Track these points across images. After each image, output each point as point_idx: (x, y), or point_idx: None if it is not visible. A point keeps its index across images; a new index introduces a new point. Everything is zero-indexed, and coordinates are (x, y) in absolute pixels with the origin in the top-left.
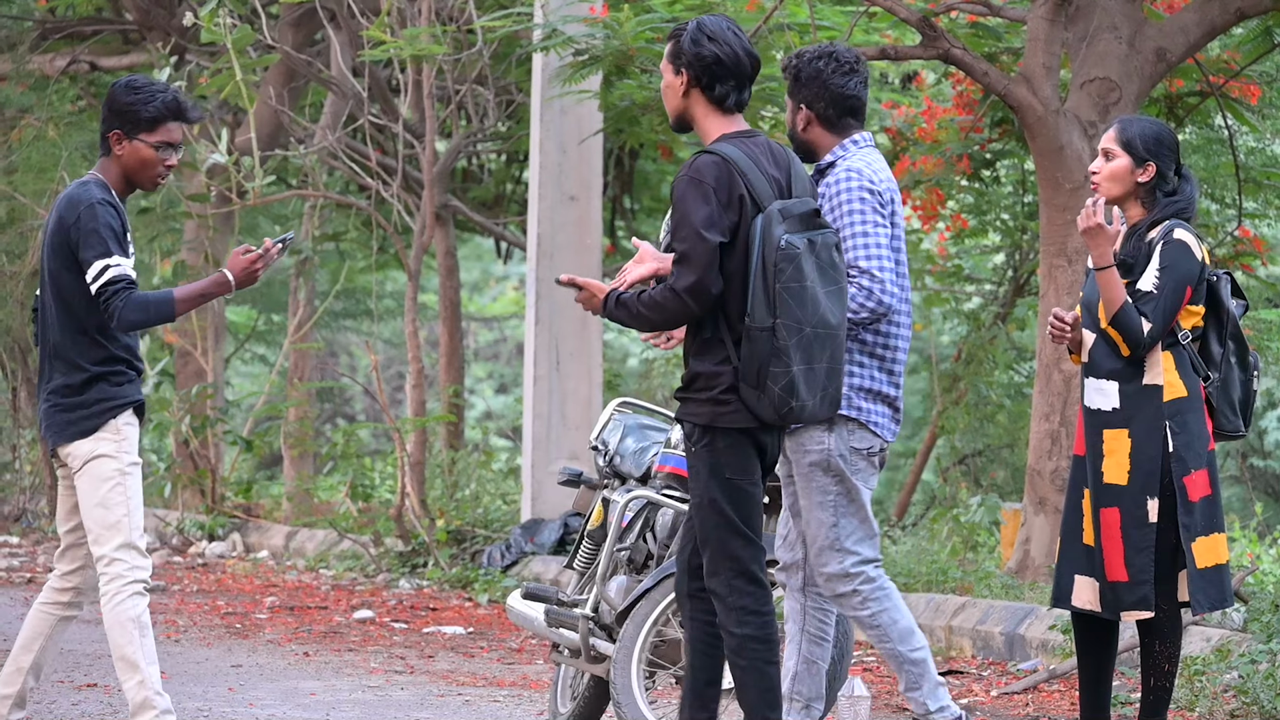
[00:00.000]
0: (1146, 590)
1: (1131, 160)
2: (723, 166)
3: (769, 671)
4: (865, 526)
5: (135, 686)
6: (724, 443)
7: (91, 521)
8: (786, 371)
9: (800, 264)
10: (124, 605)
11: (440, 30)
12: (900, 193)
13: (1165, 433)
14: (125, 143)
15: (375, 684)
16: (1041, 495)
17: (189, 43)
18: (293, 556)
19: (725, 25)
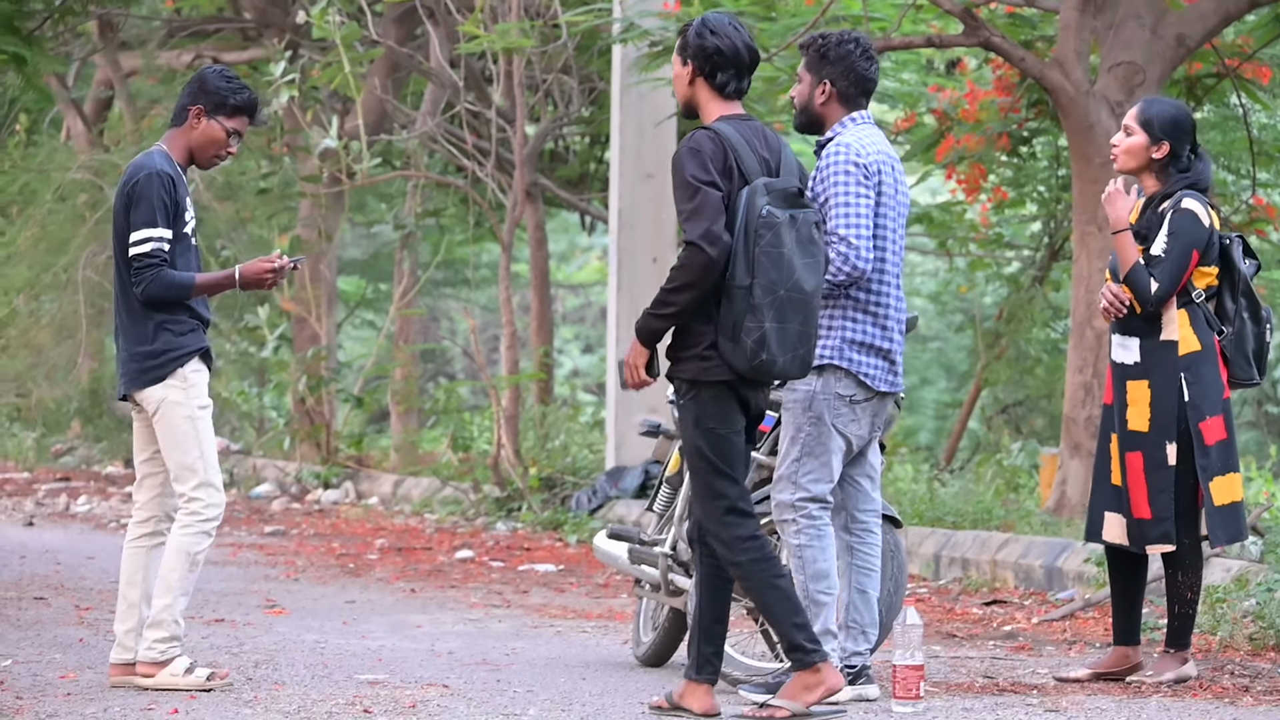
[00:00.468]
0: (1168, 526)
1: (1148, 138)
2: (716, 140)
3: (780, 584)
4: (824, 470)
5: (163, 608)
6: (707, 395)
7: (171, 463)
8: (759, 326)
9: (780, 232)
10: (190, 539)
11: (529, 25)
12: (899, 164)
13: (1181, 384)
14: (204, 119)
15: (475, 617)
16: (1076, 441)
17: (302, 39)
18: (400, 502)
19: (727, 21)
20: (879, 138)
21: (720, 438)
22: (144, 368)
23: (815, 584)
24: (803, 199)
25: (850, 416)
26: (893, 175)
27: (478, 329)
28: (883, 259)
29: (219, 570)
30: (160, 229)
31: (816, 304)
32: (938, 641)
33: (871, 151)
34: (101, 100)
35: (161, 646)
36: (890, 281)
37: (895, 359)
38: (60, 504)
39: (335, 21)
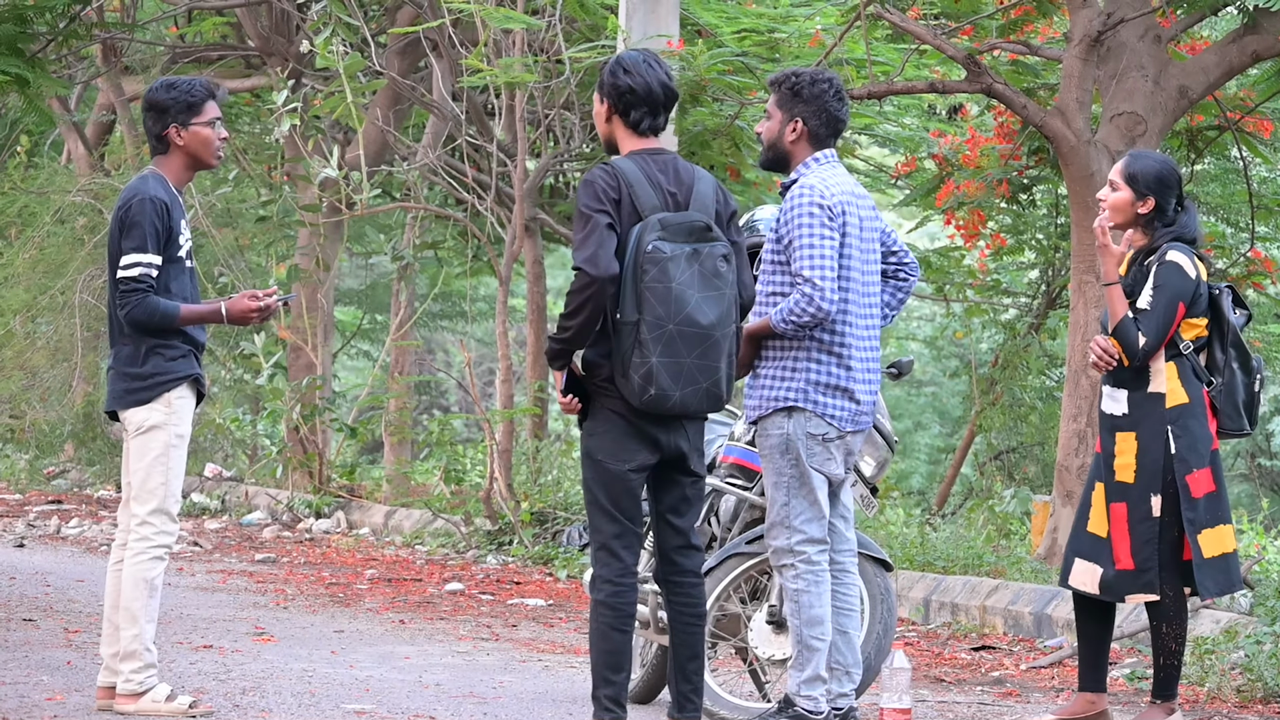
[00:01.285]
0: (1151, 577)
1: (1134, 193)
2: (611, 175)
3: (613, 636)
4: (814, 508)
5: (131, 638)
6: (601, 428)
7: (134, 482)
8: (645, 362)
9: (666, 267)
10: (144, 565)
11: (532, 60)
12: (867, 202)
13: (1168, 436)
14: (184, 132)
15: (464, 649)
16: (1069, 489)
17: (305, 68)
18: (391, 533)
19: (642, 59)
20: (844, 177)
21: (607, 472)
22: (130, 388)
23: (809, 629)
24: (710, 233)
25: (825, 455)
26: (858, 215)
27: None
28: (846, 299)
29: (208, 596)
30: (150, 255)
31: (720, 337)
32: (926, 685)
33: (836, 192)
34: (103, 124)
35: (138, 677)
36: (854, 322)
37: (859, 398)
38: (51, 526)
39: (339, 52)
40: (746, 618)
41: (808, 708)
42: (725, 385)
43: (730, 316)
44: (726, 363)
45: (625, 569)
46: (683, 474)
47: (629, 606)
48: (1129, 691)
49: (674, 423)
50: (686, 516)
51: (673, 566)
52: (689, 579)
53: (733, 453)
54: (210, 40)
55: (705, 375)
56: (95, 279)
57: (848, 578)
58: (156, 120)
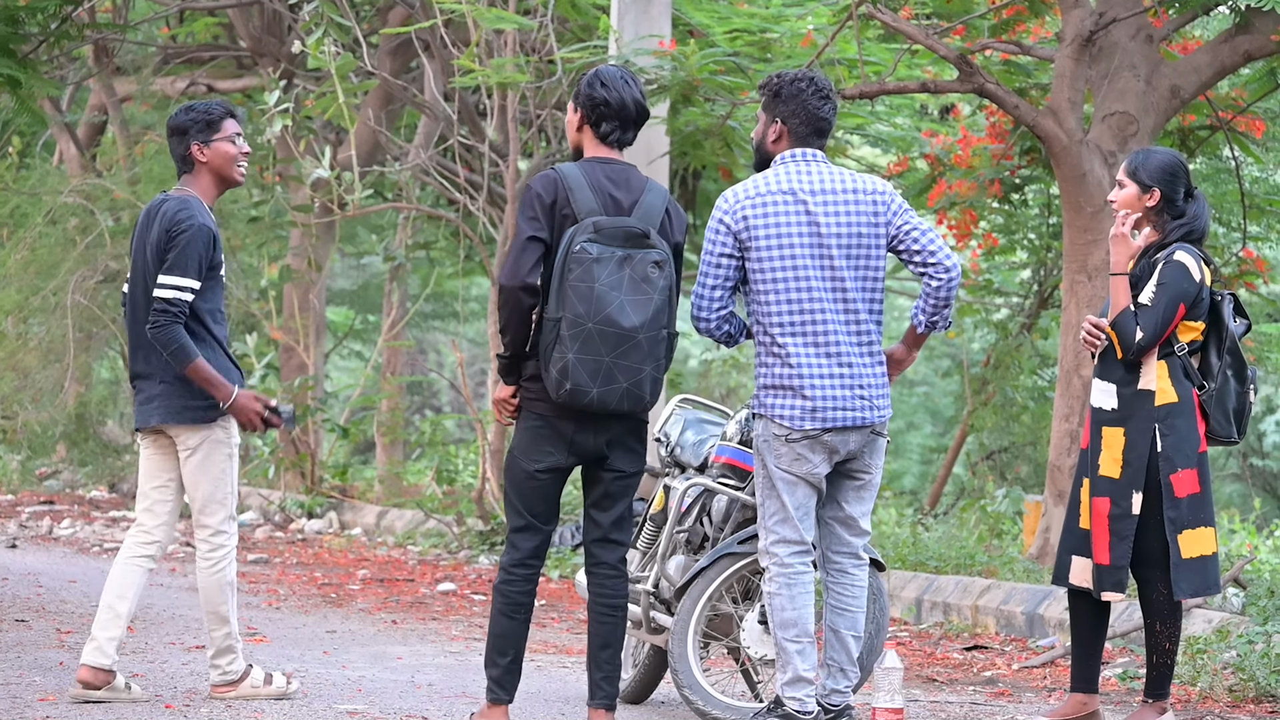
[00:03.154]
0: (1122, 575)
1: (1138, 187)
2: (551, 180)
3: (501, 621)
4: (783, 510)
5: (223, 636)
6: (523, 424)
7: (199, 495)
8: (563, 357)
9: (590, 268)
10: (225, 571)
11: (524, 60)
12: (835, 194)
13: (1155, 434)
14: (206, 149)
15: (456, 650)
16: (1060, 489)
17: (297, 68)
18: (383, 534)
19: (620, 76)
20: (788, 175)
21: (520, 470)
22: (188, 405)
23: (781, 631)
24: (647, 240)
25: (791, 455)
26: (801, 210)
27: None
28: (779, 299)
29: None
30: (191, 281)
31: (644, 340)
32: (918, 685)
33: (746, 196)
34: (95, 125)
35: (232, 668)
36: (800, 320)
37: (809, 395)
38: (44, 527)
39: (331, 52)
40: (739, 618)
41: (795, 708)
42: (649, 386)
43: (659, 321)
44: (653, 365)
45: (519, 560)
46: (605, 470)
47: (518, 595)
48: (1121, 691)
49: (597, 422)
50: (609, 511)
51: (591, 557)
52: (605, 570)
53: (725, 452)
54: (202, 41)
55: (626, 375)
56: (87, 280)
57: (845, 578)
58: (179, 142)
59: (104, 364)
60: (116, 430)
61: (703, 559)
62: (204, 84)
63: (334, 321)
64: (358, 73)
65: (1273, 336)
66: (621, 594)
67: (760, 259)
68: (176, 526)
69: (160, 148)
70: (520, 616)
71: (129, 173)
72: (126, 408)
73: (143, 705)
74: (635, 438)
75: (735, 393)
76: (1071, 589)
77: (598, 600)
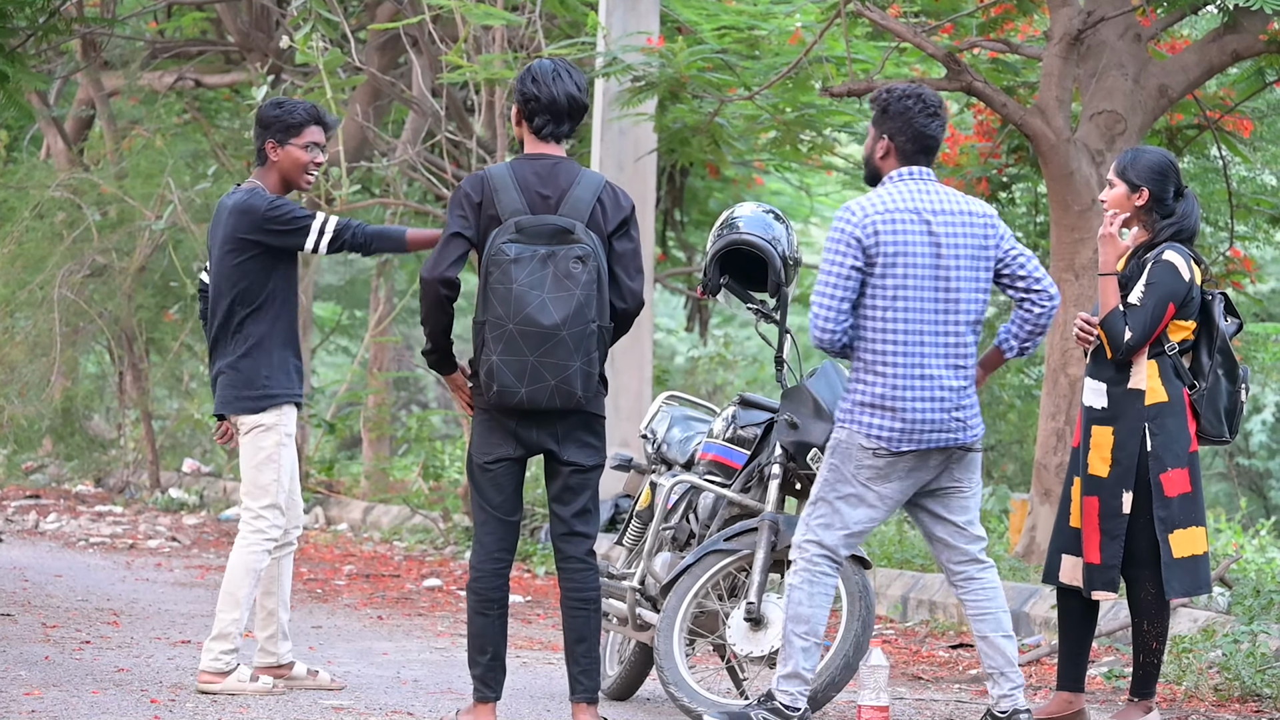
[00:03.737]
0: (1114, 574)
1: (1127, 187)
2: (478, 180)
3: (475, 619)
4: (832, 516)
5: (230, 621)
6: (476, 421)
7: (246, 479)
8: (488, 360)
9: (507, 269)
10: (253, 555)
11: (512, 56)
12: (957, 215)
13: (1145, 433)
14: (279, 149)
15: (442, 646)
16: (1047, 487)
17: (285, 64)
18: (369, 529)
19: (552, 70)
20: (909, 193)
21: (477, 466)
22: (239, 395)
23: (793, 625)
24: (569, 235)
25: (872, 470)
26: (925, 230)
27: None
28: (892, 318)
29: (186, 592)
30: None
31: (567, 336)
32: (903, 683)
33: (876, 210)
34: (82, 119)
35: (226, 658)
36: (907, 340)
37: (908, 419)
38: (29, 521)
39: (319, 47)
40: (724, 615)
41: (785, 702)
42: (580, 382)
43: (584, 316)
44: (582, 360)
45: (486, 555)
46: (561, 465)
47: (489, 591)
48: (1106, 690)
49: (537, 417)
50: (569, 505)
51: (559, 553)
52: (573, 564)
53: (711, 449)
54: (190, 35)
55: (552, 373)
56: (74, 274)
57: (973, 584)
58: (259, 134)
59: (90, 358)
60: (102, 425)
61: (689, 556)
62: (192, 79)
63: (321, 317)
64: (346, 68)
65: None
66: (592, 587)
67: (882, 275)
68: (294, 507)
69: (148, 143)
70: (494, 613)
71: (116, 167)
72: (112, 402)
73: (131, 699)
74: (587, 431)
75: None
76: (1061, 587)
77: (569, 595)
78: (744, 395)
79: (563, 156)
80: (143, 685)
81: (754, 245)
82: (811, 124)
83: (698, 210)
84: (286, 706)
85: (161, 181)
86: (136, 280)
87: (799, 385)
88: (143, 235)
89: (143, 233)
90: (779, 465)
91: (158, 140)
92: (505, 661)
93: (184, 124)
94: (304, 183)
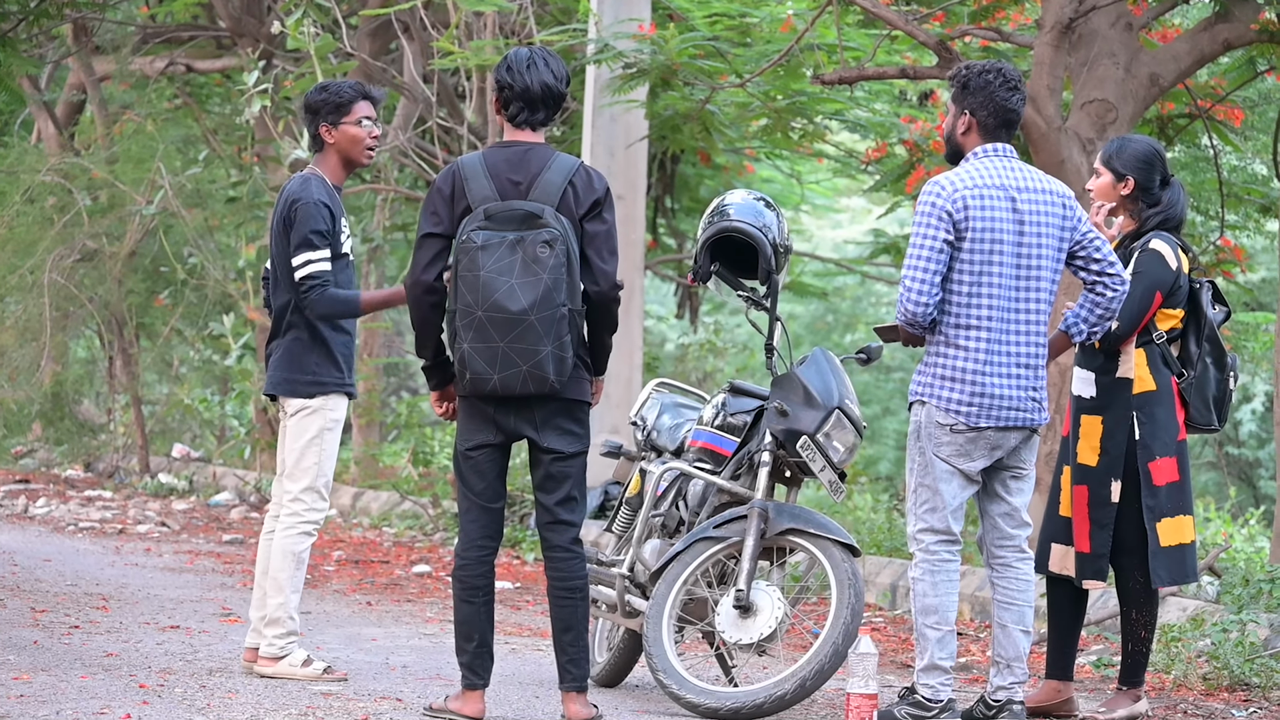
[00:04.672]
0: (1102, 563)
1: (1113, 176)
2: (449, 173)
3: (461, 607)
4: (935, 498)
5: (277, 606)
6: (460, 410)
7: (290, 461)
8: (460, 347)
9: (475, 256)
10: (293, 539)
11: (503, 43)
12: (1041, 194)
13: (1133, 422)
14: (334, 131)
15: (430, 632)
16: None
17: (276, 49)
18: (359, 515)
19: (528, 59)
20: (995, 169)
21: (461, 453)
22: (289, 378)
23: (922, 617)
24: (538, 220)
25: (953, 448)
26: (1004, 208)
27: None
28: (976, 293)
29: (175, 577)
30: (321, 252)
31: (536, 321)
32: (892, 671)
33: (962, 186)
34: (73, 104)
35: (280, 642)
36: (992, 315)
37: (993, 393)
38: (19, 505)
39: (310, 33)
40: (714, 602)
41: (926, 695)
42: (553, 366)
43: (553, 300)
44: (554, 344)
45: (469, 543)
46: (543, 452)
47: (473, 579)
48: (1095, 678)
49: (513, 404)
50: (552, 493)
51: (544, 541)
52: (558, 553)
53: (700, 437)
54: (181, 20)
55: (523, 358)
56: (65, 259)
57: (1009, 572)
58: (310, 121)
59: (80, 343)
60: (92, 409)
61: (678, 543)
62: (183, 64)
63: None
64: (337, 54)
65: (1250, 325)
66: (578, 575)
67: (970, 250)
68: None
69: (139, 128)
70: (479, 600)
71: (107, 152)
72: (102, 387)
73: (120, 683)
74: (567, 418)
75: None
76: (1050, 576)
77: (555, 583)
78: (734, 382)
79: (537, 142)
80: (131, 670)
81: (745, 233)
82: (802, 111)
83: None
84: (275, 692)
85: (152, 166)
86: (127, 265)
87: (789, 373)
88: (133, 220)
89: (133, 218)
90: (769, 453)
91: (149, 125)
92: (493, 648)
93: (175, 109)
94: (365, 158)
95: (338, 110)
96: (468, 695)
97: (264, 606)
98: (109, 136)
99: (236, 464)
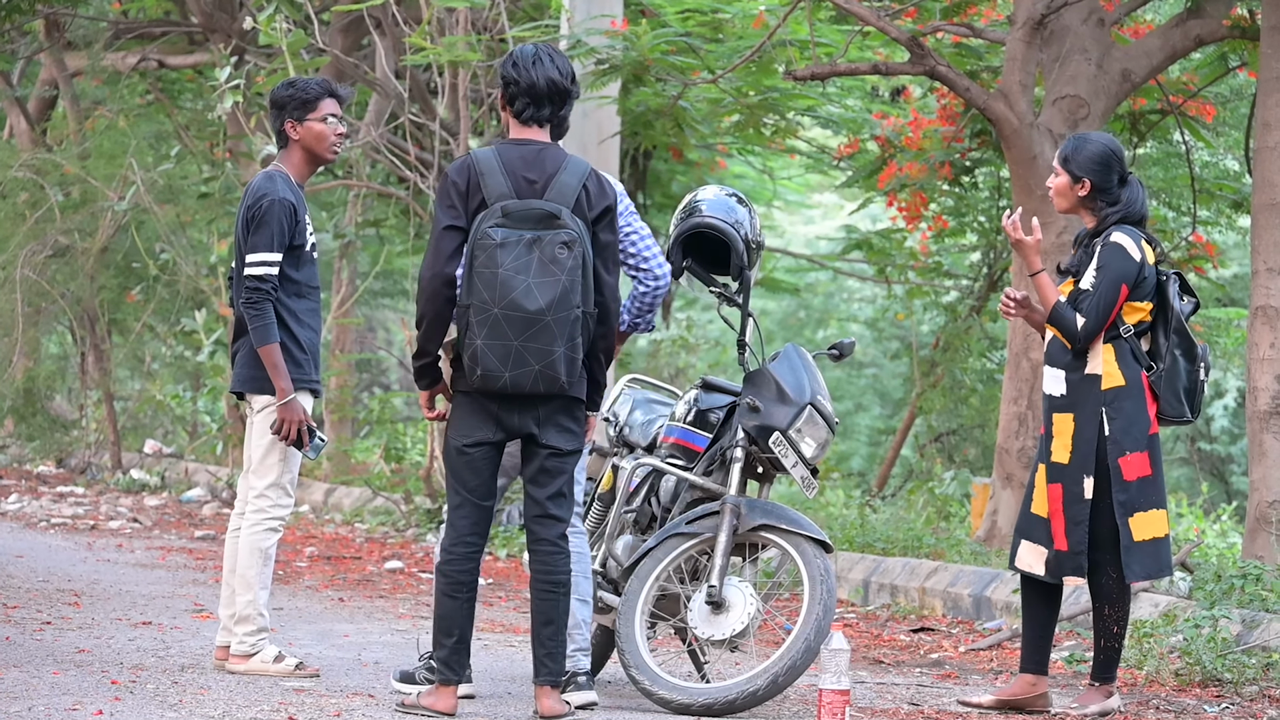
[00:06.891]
0: (1081, 560)
1: (1069, 177)
2: (464, 166)
3: (444, 602)
4: None
5: (246, 603)
6: (456, 404)
7: (255, 457)
8: (472, 344)
9: (493, 253)
10: (259, 535)
11: (475, 39)
12: None
13: (1102, 418)
14: (299, 127)
15: (403, 628)
16: (1009, 471)
17: (248, 45)
18: (331, 511)
19: (533, 55)
20: None
21: (455, 449)
22: (255, 375)
23: None
24: (556, 220)
25: None
26: None
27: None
28: None
29: (147, 573)
30: (274, 254)
31: (553, 321)
32: (864, 667)
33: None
34: (45, 99)
35: (251, 639)
36: None
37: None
38: None
39: (282, 28)
40: (686, 598)
41: None
42: (564, 367)
43: (570, 301)
44: (567, 345)
45: (458, 538)
46: (540, 447)
47: (458, 574)
48: (1067, 674)
49: (521, 402)
50: (545, 488)
51: (531, 534)
52: (545, 547)
53: (673, 433)
54: (153, 16)
55: (537, 357)
56: (36, 254)
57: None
58: (275, 116)
59: (52, 339)
60: (64, 405)
61: (650, 539)
62: (155, 59)
63: None
64: (309, 49)
65: (1222, 321)
66: (563, 570)
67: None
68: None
69: (111, 124)
70: (463, 596)
71: (79, 147)
72: (74, 383)
73: (92, 679)
74: (568, 416)
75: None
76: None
77: (539, 577)
78: (706, 378)
79: (548, 142)
80: (104, 666)
81: (717, 229)
82: (775, 107)
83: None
84: (247, 688)
85: (124, 162)
86: (99, 261)
87: (761, 369)
88: (105, 216)
89: (105, 213)
90: (741, 449)
91: (121, 121)
92: (470, 645)
93: (147, 105)
94: (330, 155)
95: (303, 106)
96: (441, 690)
97: (233, 604)
98: (81, 132)
99: (209, 460)
